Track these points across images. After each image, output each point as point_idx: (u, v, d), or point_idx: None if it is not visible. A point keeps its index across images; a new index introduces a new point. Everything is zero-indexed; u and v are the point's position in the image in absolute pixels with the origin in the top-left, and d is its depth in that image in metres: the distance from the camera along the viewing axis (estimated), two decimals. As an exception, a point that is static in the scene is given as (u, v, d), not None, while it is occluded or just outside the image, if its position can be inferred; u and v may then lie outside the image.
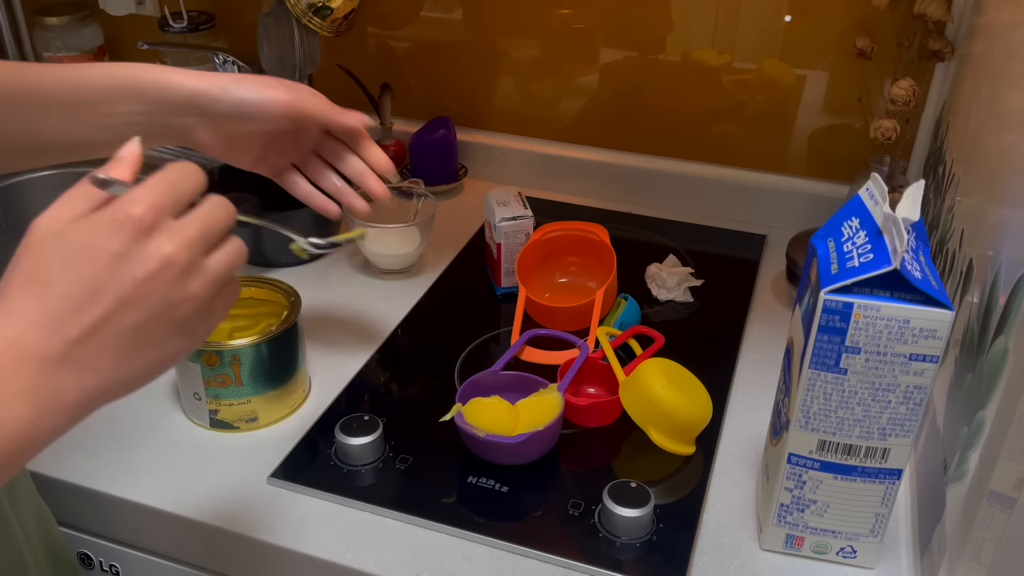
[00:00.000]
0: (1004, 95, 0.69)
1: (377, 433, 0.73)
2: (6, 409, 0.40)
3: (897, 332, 0.55)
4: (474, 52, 1.18)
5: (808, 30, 1.02)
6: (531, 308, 0.92)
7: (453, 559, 0.66)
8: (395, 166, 1.21)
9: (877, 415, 0.59)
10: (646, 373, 0.73)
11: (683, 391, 0.73)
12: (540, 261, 0.96)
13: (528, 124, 1.20)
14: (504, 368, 0.79)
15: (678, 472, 0.74)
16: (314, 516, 0.69)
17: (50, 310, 0.41)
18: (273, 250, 1.01)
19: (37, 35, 1.26)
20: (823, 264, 0.58)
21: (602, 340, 0.82)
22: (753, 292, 0.99)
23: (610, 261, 0.91)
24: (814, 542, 0.65)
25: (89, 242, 0.42)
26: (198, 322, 0.46)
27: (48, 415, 0.41)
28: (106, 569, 0.78)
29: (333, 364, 0.86)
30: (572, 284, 0.97)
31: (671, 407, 0.72)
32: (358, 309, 0.95)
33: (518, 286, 0.92)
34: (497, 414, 0.72)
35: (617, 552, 0.66)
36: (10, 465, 0.40)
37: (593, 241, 0.95)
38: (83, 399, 0.42)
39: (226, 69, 1.11)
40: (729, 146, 1.12)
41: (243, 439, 0.77)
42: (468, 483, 0.72)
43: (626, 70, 1.12)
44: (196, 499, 0.71)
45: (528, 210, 0.96)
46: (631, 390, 0.74)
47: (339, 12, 1.04)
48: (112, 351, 0.42)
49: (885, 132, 0.93)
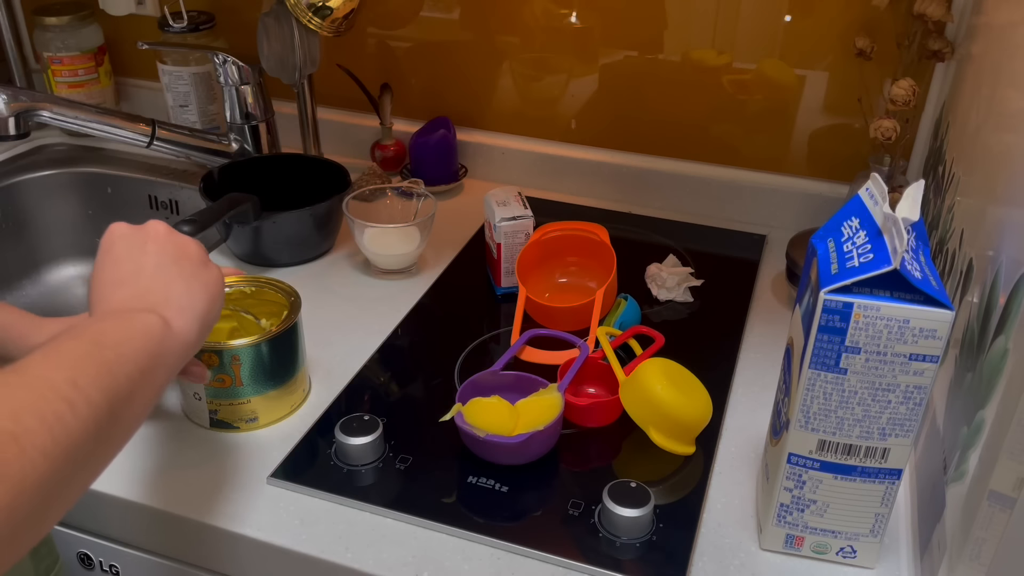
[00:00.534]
0: (1004, 95, 0.69)
1: (377, 433, 0.73)
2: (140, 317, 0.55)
3: (897, 332, 0.55)
4: (474, 52, 1.18)
5: (808, 30, 1.02)
6: (531, 308, 0.92)
7: (453, 559, 0.66)
8: (395, 166, 1.22)
9: (877, 415, 0.59)
10: (646, 373, 0.73)
11: (683, 391, 0.73)
12: (540, 261, 0.96)
13: (528, 124, 1.20)
14: (504, 368, 0.79)
15: (678, 472, 0.74)
16: (314, 516, 0.69)
17: (113, 278, 0.60)
18: (273, 250, 1.01)
19: (37, 35, 1.26)
20: (823, 264, 0.58)
21: (602, 340, 0.82)
22: (753, 292, 0.99)
23: (610, 261, 0.91)
24: (814, 542, 0.65)
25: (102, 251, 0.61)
26: (205, 261, 0.63)
27: (170, 323, 0.56)
28: (106, 569, 0.78)
29: (333, 364, 0.86)
30: (572, 284, 0.97)
31: (671, 407, 0.72)
32: (358, 309, 0.95)
33: (518, 286, 0.92)
34: (497, 414, 0.72)
35: (617, 552, 0.66)
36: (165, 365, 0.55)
37: (593, 241, 0.95)
38: (187, 310, 0.58)
39: (226, 69, 1.11)
40: (729, 146, 1.12)
41: (243, 439, 0.77)
42: (468, 483, 0.72)
43: (626, 70, 1.12)
44: (196, 499, 0.71)
45: (528, 210, 0.96)
46: (631, 390, 0.74)
47: (339, 12, 1.04)
48: (172, 284, 0.59)
49: (885, 132, 0.93)
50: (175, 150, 1.15)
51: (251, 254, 1.02)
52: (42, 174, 1.26)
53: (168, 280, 0.59)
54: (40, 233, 1.27)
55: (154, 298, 0.58)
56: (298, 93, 1.15)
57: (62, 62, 1.26)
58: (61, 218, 1.27)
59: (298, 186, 1.07)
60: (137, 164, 1.26)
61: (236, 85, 1.12)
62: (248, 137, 1.16)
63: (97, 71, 1.29)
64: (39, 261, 1.27)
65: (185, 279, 0.60)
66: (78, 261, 1.29)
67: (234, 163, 1.08)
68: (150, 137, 1.11)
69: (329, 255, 1.05)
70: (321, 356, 0.86)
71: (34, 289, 1.26)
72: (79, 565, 0.78)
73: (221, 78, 1.12)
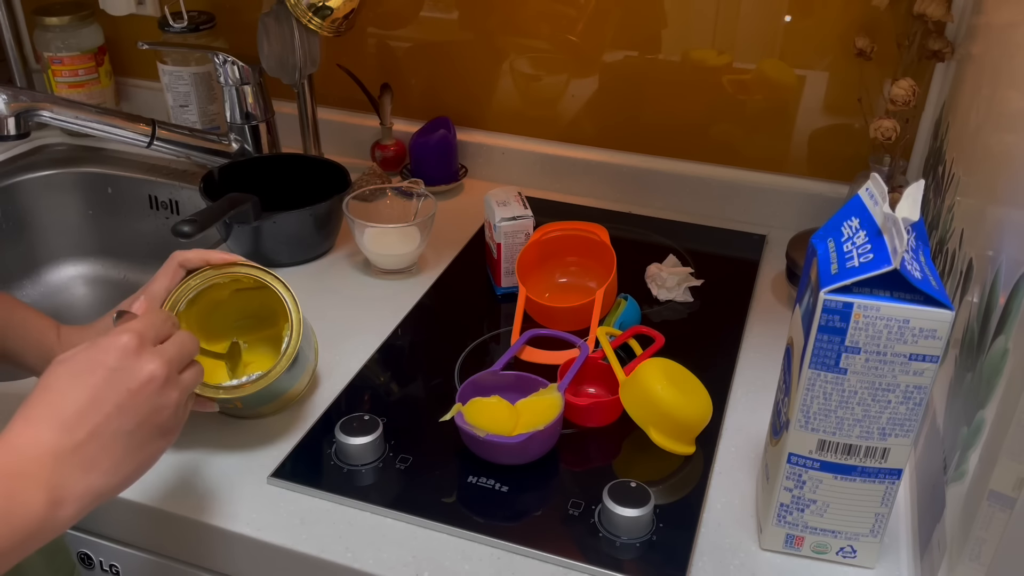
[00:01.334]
0: (1004, 95, 0.69)
1: (377, 433, 0.73)
2: (29, 494, 0.48)
3: (897, 332, 0.55)
4: (474, 52, 1.18)
5: (808, 30, 1.02)
6: (531, 308, 0.92)
7: (453, 559, 0.66)
8: (395, 166, 1.22)
9: (877, 415, 0.59)
10: (646, 373, 0.73)
11: (683, 391, 0.73)
12: (540, 261, 0.96)
13: (528, 124, 1.20)
14: (504, 368, 0.79)
15: (678, 472, 0.74)
16: (314, 516, 0.69)
17: (62, 414, 0.51)
18: (273, 250, 1.01)
19: (37, 35, 1.26)
20: (823, 264, 0.58)
21: (602, 340, 0.82)
22: (753, 292, 0.99)
23: (610, 261, 0.91)
24: (814, 542, 0.65)
25: (92, 359, 0.53)
26: (173, 425, 0.57)
27: (61, 505, 0.49)
28: (106, 569, 0.78)
29: (333, 364, 0.86)
30: (572, 284, 0.97)
31: (671, 407, 0.72)
32: (358, 309, 0.95)
33: (518, 286, 0.92)
34: (497, 414, 0.72)
35: (617, 552, 0.66)
36: (23, 548, 0.48)
37: (593, 241, 0.95)
38: (88, 496, 0.51)
39: (226, 69, 1.11)
40: (729, 146, 1.12)
41: (243, 439, 0.77)
42: (468, 483, 0.72)
43: (626, 70, 1.12)
44: (196, 499, 0.71)
45: (528, 210, 0.96)
46: (631, 390, 0.74)
47: (339, 12, 1.04)
48: (111, 452, 0.52)
49: (885, 132, 0.93)
50: (175, 150, 1.15)
51: (251, 254, 1.02)
52: (42, 174, 1.26)
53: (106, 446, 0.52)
54: (40, 233, 1.27)
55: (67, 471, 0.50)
56: (298, 93, 1.15)
57: (62, 62, 1.26)
58: (61, 218, 1.27)
59: (298, 186, 1.08)
60: (137, 164, 1.26)
61: (236, 85, 1.12)
62: (248, 137, 1.16)
63: (97, 71, 1.29)
64: (39, 261, 1.27)
65: (128, 450, 0.53)
66: (78, 261, 1.29)
67: (234, 163, 1.09)
68: (150, 137, 1.11)
69: (329, 255, 1.05)
70: (321, 356, 0.87)
71: (34, 289, 1.26)
72: (79, 565, 0.78)
73: (221, 78, 1.12)
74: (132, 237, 1.26)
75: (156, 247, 1.24)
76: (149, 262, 1.18)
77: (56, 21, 1.24)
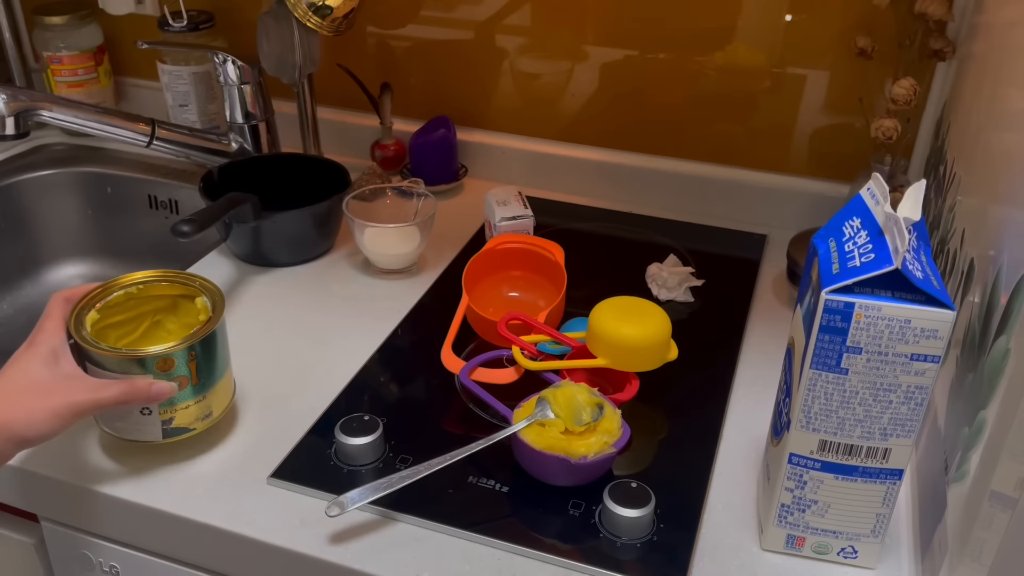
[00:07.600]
0: (1005, 94, 0.69)
1: (377, 433, 0.73)
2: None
3: (898, 332, 0.55)
4: (474, 52, 1.17)
5: (808, 30, 1.02)
6: (471, 317, 0.88)
7: (453, 560, 0.66)
8: (395, 166, 1.22)
9: (878, 415, 0.58)
10: (599, 321, 0.77)
11: (635, 321, 0.77)
12: (490, 271, 0.92)
13: (528, 124, 1.20)
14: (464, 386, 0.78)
15: (679, 472, 0.74)
16: (314, 516, 0.69)
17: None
18: (273, 250, 1.01)
19: (37, 35, 1.26)
20: (824, 264, 0.58)
21: (517, 357, 0.79)
22: (754, 292, 0.99)
23: (561, 282, 0.88)
24: (815, 542, 0.65)
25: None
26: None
27: None
28: (106, 569, 0.78)
29: (333, 364, 0.86)
30: (521, 300, 0.94)
31: (637, 339, 0.76)
32: (358, 309, 0.95)
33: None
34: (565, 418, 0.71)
35: (618, 552, 0.65)
36: None
37: (547, 259, 0.91)
38: None
39: (226, 68, 1.11)
40: (729, 146, 1.12)
41: (243, 439, 0.77)
42: (468, 483, 0.72)
43: (626, 70, 1.12)
44: (196, 499, 0.70)
45: (528, 209, 0.95)
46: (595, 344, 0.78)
47: (339, 11, 1.04)
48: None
49: (886, 131, 0.93)
50: (175, 150, 1.15)
51: (251, 254, 1.02)
52: (42, 174, 1.25)
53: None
54: (40, 233, 1.27)
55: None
56: (298, 93, 1.15)
57: (62, 61, 1.26)
58: (61, 218, 1.27)
59: (298, 186, 1.07)
60: (137, 164, 1.26)
61: (236, 85, 1.12)
62: (248, 137, 1.16)
63: (97, 71, 1.29)
64: (39, 261, 1.27)
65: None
66: (78, 261, 1.29)
67: (234, 163, 1.08)
68: (150, 137, 1.11)
69: (329, 255, 1.05)
70: (321, 356, 0.86)
71: (34, 289, 1.26)
72: (79, 565, 0.78)
73: (221, 78, 1.12)
74: (132, 237, 1.26)
75: (156, 247, 1.24)
76: (149, 262, 1.18)
77: (55, 20, 1.24)
